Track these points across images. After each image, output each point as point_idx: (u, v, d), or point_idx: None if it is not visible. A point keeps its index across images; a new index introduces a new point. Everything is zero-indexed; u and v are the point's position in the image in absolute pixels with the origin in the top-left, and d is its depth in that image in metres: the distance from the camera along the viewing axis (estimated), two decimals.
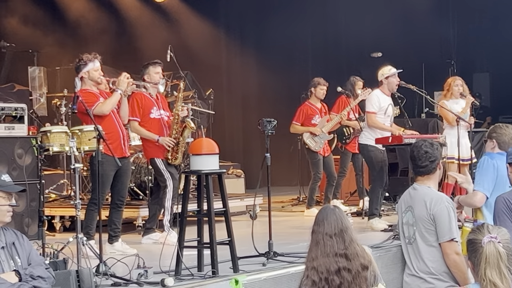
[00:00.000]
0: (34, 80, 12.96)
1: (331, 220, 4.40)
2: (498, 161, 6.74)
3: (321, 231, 4.39)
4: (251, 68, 17.12)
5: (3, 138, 8.60)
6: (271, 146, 7.78)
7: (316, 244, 4.39)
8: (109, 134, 7.86)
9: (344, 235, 4.36)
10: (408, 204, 6.51)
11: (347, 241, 4.35)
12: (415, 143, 6.62)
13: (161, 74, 9.16)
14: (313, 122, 11.67)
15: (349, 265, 4.30)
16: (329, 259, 4.31)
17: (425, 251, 6.36)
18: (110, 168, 7.90)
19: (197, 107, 12.16)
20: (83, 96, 7.85)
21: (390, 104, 9.86)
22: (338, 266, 4.30)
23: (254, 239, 7.45)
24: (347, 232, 4.38)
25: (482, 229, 3.98)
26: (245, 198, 11.55)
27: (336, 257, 4.31)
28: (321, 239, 4.37)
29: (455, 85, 10.68)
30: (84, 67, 8.14)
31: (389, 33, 16.59)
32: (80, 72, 8.16)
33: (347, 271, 4.29)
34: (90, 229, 7.92)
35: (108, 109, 8.04)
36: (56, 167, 11.92)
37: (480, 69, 19.02)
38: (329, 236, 4.36)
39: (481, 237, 3.92)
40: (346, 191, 12.77)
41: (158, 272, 6.66)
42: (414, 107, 15.30)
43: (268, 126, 7.75)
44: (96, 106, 7.93)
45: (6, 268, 5.03)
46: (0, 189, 5.11)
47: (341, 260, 4.31)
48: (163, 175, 8.89)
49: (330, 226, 4.38)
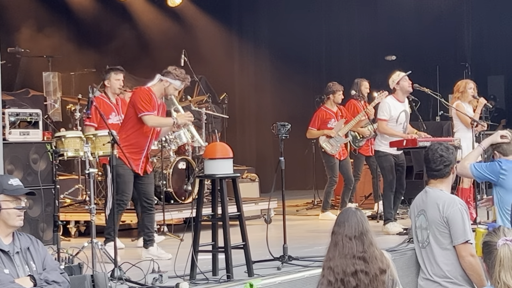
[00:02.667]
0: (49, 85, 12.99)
1: (352, 222, 4.40)
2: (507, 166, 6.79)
3: (341, 233, 4.39)
4: (265, 72, 17.13)
5: (18, 144, 8.64)
6: (285, 150, 7.77)
7: (335, 245, 4.39)
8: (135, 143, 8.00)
9: (364, 238, 4.35)
10: (420, 208, 6.49)
11: (366, 244, 4.34)
12: (430, 146, 6.59)
13: (122, 81, 9.19)
14: (329, 126, 11.68)
15: (367, 268, 4.30)
16: (347, 260, 4.31)
17: (440, 254, 6.33)
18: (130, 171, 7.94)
19: (211, 112, 12.17)
20: (147, 98, 7.98)
21: (403, 111, 9.84)
22: (355, 268, 4.29)
23: (268, 243, 7.44)
24: (367, 235, 4.37)
25: (498, 232, 3.98)
26: (260, 202, 11.55)
27: (354, 259, 4.31)
28: (340, 240, 4.37)
29: (469, 88, 10.63)
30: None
31: (403, 36, 16.56)
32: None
33: (364, 273, 4.29)
34: (111, 230, 7.94)
35: (152, 123, 8.03)
36: (71, 172, 11.95)
37: (495, 71, 18.94)
38: (349, 238, 4.36)
39: (496, 240, 3.91)
40: (360, 195, 12.76)
41: (173, 276, 6.67)
42: (429, 110, 15.26)
43: (282, 130, 7.75)
44: (148, 114, 7.96)
45: (21, 273, 5.05)
46: (5, 193, 5.13)
47: (359, 262, 4.30)
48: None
49: (350, 228, 4.38)
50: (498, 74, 18.89)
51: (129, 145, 7.96)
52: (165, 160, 10.28)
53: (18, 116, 8.73)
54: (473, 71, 15.71)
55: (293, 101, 16.09)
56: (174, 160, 10.47)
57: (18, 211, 5.15)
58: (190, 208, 8.44)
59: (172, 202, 10.36)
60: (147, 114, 7.93)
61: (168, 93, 8.17)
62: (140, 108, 7.93)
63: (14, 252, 5.07)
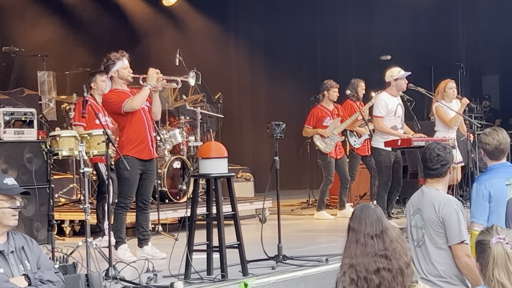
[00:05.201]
0: (43, 84, 12.98)
1: (372, 220, 4.36)
2: (487, 183, 6.66)
3: (362, 231, 4.34)
4: (260, 71, 17.13)
5: (13, 143, 8.63)
6: (280, 150, 7.78)
7: (355, 242, 4.35)
8: (137, 136, 7.94)
9: (385, 236, 4.33)
10: (416, 206, 6.49)
11: (387, 241, 4.31)
12: (428, 145, 6.58)
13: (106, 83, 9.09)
14: (325, 124, 11.70)
15: (389, 265, 4.27)
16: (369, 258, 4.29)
17: (435, 253, 6.33)
18: (135, 172, 7.92)
19: (206, 111, 12.17)
20: (113, 96, 7.91)
21: (399, 104, 9.89)
22: (378, 267, 4.27)
23: (263, 243, 7.45)
24: (387, 233, 4.34)
25: (491, 231, 3.98)
26: (254, 202, 11.56)
27: (376, 257, 4.28)
28: (361, 238, 4.33)
29: (449, 88, 10.64)
30: (113, 66, 8.08)
31: (398, 36, 16.57)
32: (110, 72, 8.10)
33: (387, 270, 4.26)
34: (121, 232, 7.96)
35: (138, 104, 7.94)
36: (66, 172, 11.95)
37: (489, 71, 18.97)
38: (370, 237, 4.33)
39: (489, 238, 3.91)
40: (355, 194, 12.77)
41: (168, 275, 6.67)
42: (423, 109, 15.27)
43: (277, 130, 7.76)
44: (126, 103, 7.91)
45: (16, 273, 5.04)
46: (0, 193, 5.11)
47: (381, 260, 4.28)
48: (105, 181, 8.96)
49: (371, 227, 4.34)
50: (492, 74, 18.92)
51: (133, 141, 7.95)
52: (160, 160, 10.28)
53: (12, 115, 8.73)
54: (468, 71, 15.75)
55: (288, 101, 16.10)
56: (169, 160, 10.48)
57: (13, 210, 5.14)
58: (185, 207, 8.43)
59: (167, 202, 10.37)
60: (125, 102, 7.91)
61: (124, 76, 8.06)
62: (116, 105, 7.88)
63: (8, 252, 5.06)
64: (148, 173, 8.10)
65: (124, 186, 7.96)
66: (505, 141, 6.66)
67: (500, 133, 6.71)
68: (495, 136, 6.68)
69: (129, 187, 7.93)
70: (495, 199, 6.52)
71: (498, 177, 6.54)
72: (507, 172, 6.56)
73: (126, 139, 7.95)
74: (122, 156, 7.45)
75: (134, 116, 7.95)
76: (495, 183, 6.52)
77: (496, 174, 6.59)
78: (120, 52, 8.15)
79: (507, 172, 6.57)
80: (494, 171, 6.65)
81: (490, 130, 6.79)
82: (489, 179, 6.65)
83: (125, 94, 8.04)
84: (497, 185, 6.50)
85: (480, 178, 6.92)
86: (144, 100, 8.02)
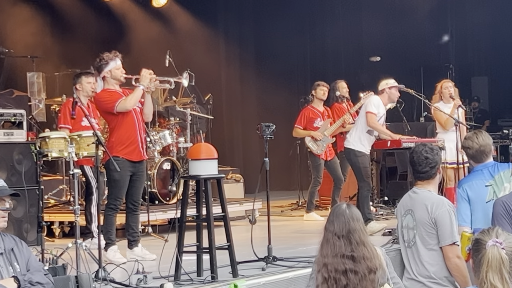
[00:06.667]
0: (33, 85, 12.94)
1: (340, 221, 4.41)
2: (465, 185, 6.69)
3: (331, 230, 4.40)
4: (250, 73, 17.14)
5: (2, 144, 8.61)
6: (270, 151, 7.79)
7: (326, 242, 4.41)
8: (128, 137, 7.93)
9: (351, 238, 4.36)
10: (407, 207, 6.50)
11: (354, 243, 4.35)
12: (414, 148, 6.58)
13: (93, 84, 9.06)
14: (315, 126, 11.70)
15: (356, 267, 4.31)
16: (337, 259, 4.33)
17: (425, 254, 6.35)
18: (125, 173, 7.91)
19: (196, 112, 12.17)
20: (106, 95, 7.90)
21: (384, 114, 9.93)
22: (345, 268, 4.31)
23: (253, 244, 7.45)
24: (354, 234, 4.38)
25: (491, 232, 3.95)
26: (244, 203, 11.56)
27: (343, 258, 4.33)
28: (330, 238, 4.39)
29: (445, 87, 10.67)
30: (105, 67, 8.04)
31: (387, 37, 16.61)
32: (102, 72, 8.06)
33: (353, 273, 4.30)
34: (110, 234, 7.94)
35: (131, 104, 7.91)
36: (55, 173, 11.92)
37: (478, 72, 19.03)
38: (337, 237, 4.38)
39: (487, 239, 3.90)
40: (345, 195, 12.77)
41: (157, 277, 6.66)
42: (413, 111, 15.31)
43: (267, 131, 7.77)
44: (119, 103, 7.89)
45: (5, 274, 5.03)
46: None
47: (348, 262, 4.32)
48: (91, 182, 9.02)
49: (338, 227, 4.39)
50: (481, 76, 18.97)
51: (124, 142, 7.93)
52: (150, 161, 10.27)
53: (2, 116, 8.71)
54: (457, 72, 15.77)
55: (278, 102, 16.11)
56: (159, 161, 10.48)
57: (2, 212, 5.13)
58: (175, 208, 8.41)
59: (157, 203, 10.37)
60: (118, 102, 7.89)
61: (117, 77, 8.05)
62: (108, 105, 7.87)
63: None
64: (138, 175, 8.09)
65: (114, 188, 7.96)
66: (486, 143, 6.68)
67: (480, 136, 6.72)
68: (475, 139, 6.69)
69: (119, 189, 7.93)
70: (473, 201, 6.57)
71: (478, 179, 6.59)
72: (489, 173, 6.61)
73: (116, 140, 7.94)
74: (112, 157, 7.43)
75: (125, 117, 7.94)
76: (474, 185, 6.58)
77: (476, 177, 6.64)
78: (113, 52, 8.14)
79: (489, 172, 6.61)
80: (475, 173, 6.70)
81: (471, 134, 6.81)
82: (467, 182, 6.72)
83: (118, 94, 8.03)
84: (475, 186, 6.55)
85: (460, 181, 7.00)
86: (137, 101, 8.01)
